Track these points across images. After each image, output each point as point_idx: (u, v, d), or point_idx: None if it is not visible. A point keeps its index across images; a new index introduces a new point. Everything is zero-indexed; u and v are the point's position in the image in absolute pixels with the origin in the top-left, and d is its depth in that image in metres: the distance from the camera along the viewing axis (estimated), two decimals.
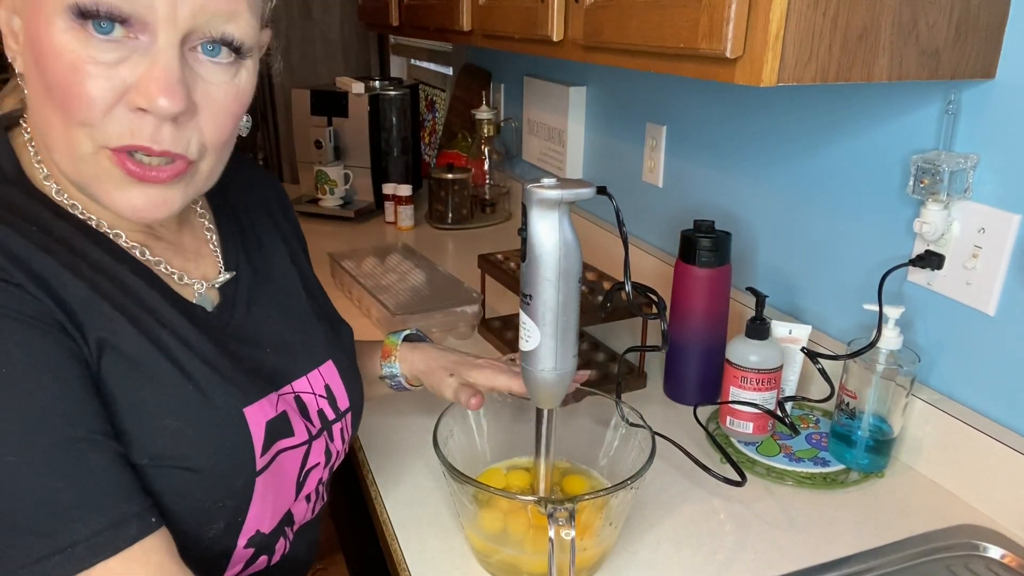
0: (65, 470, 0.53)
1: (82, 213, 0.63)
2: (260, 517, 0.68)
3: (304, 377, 0.75)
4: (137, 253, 0.66)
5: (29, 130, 0.64)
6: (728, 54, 0.69)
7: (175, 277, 0.68)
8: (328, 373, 0.78)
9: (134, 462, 0.58)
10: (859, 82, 0.72)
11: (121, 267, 0.63)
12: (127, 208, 0.59)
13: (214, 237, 0.75)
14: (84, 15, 0.53)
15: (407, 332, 0.97)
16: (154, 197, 0.59)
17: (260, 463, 0.66)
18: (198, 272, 0.72)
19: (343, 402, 0.79)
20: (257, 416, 0.66)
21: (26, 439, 0.52)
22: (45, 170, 0.63)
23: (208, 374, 0.63)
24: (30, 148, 0.63)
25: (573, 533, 0.66)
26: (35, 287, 0.55)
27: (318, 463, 0.75)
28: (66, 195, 0.63)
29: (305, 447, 0.72)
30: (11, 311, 0.53)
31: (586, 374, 0.95)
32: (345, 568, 1.10)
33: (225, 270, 0.73)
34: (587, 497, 0.70)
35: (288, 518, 0.73)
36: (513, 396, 0.86)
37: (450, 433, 0.81)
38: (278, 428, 0.68)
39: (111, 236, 0.64)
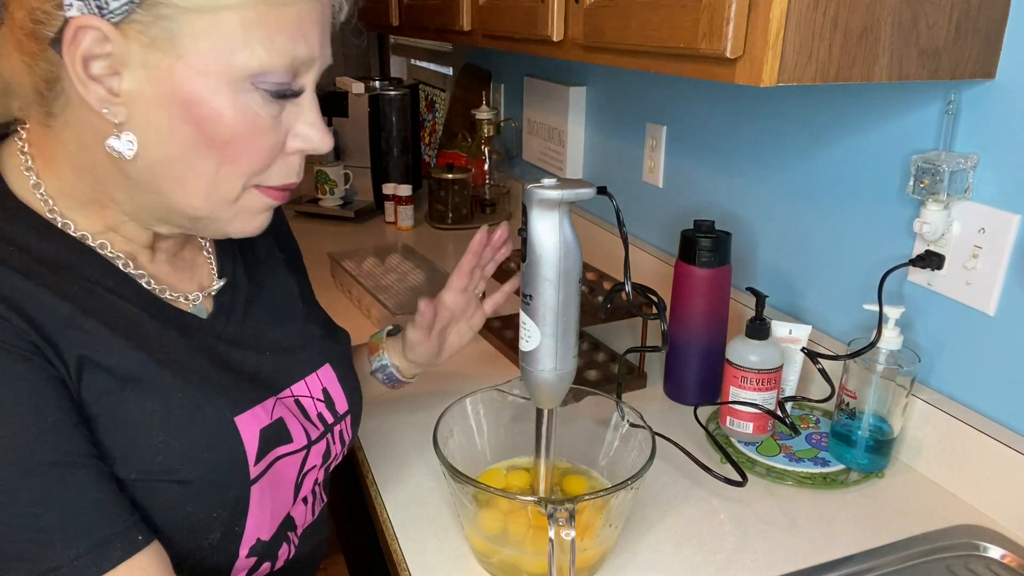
0: (44, 495, 0.53)
1: (74, 231, 0.62)
2: (259, 525, 0.68)
3: (302, 381, 0.75)
4: (132, 268, 0.65)
5: (28, 148, 0.63)
6: (728, 54, 0.69)
7: (168, 291, 0.68)
8: (326, 377, 0.78)
9: (122, 477, 0.58)
10: (859, 82, 0.72)
11: (109, 282, 0.62)
12: (252, 230, 0.65)
13: (208, 244, 0.76)
14: (274, 94, 0.58)
15: (389, 328, 0.98)
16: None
17: (254, 472, 0.66)
18: (194, 282, 0.72)
19: (341, 405, 0.79)
20: (250, 424, 0.66)
21: (2, 466, 0.52)
22: (43, 187, 0.62)
23: (198, 384, 0.63)
24: (23, 158, 0.62)
25: (573, 533, 0.66)
26: (6, 310, 0.54)
27: (315, 465, 0.75)
28: (59, 213, 0.62)
29: (304, 452, 0.72)
30: None
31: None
32: (345, 568, 1.10)
33: (219, 277, 0.74)
34: (587, 497, 0.70)
35: (289, 522, 0.73)
36: (512, 395, 0.86)
37: (450, 433, 0.81)
38: (273, 435, 0.68)
39: (102, 252, 0.64)
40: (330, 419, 0.77)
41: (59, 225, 0.62)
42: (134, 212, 0.63)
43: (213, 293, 0.72)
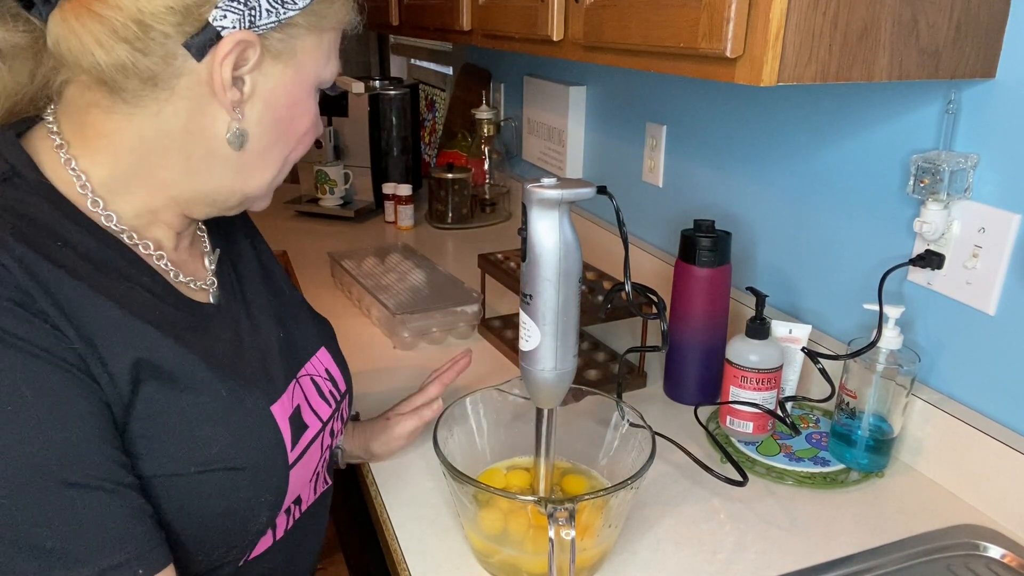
0: (53, 516, 0.52)
1: (115, 222, 0.63)
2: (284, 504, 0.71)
3: (309, 361, 0.78)
4: (164, 261, 0.66)
5: (63, 137, 0.63)
6: (728, 54, 0.69)
7: (193, 282, 0.69)
8: (324, 358, 0.81)
9: (182, 472, 0.60)
10: (859, 82, 0.72)
11: (144, 278, 0.63)
12: (266, 206, 0.73)
13: (200, 225, 0.77)
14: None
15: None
16: None
17: (292, 457, 0.69)
18: (204, 268, 0.73)
19: (342, 384, 0.82)
20: (281, 413, 0.69)
21: (19, 481, 0.51)
22: (86, 176, 0.62)
23: (235, 377, 0.65)
24: (59, 153, 0.62)
25: (573, 533, 0.66)
26: (58, 315, 0.54)
27: (328, 445, 0.78)
28: (102, 200, 0.63)
29: (321, 435, 0.75)
30: (25, 343, 0.52)
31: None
32: (345, 568, 1.10)
33: (215, 265, 0.75)
34: (587, 497, 0.70)
35: (296, 497, 0.75)
36: (512, 395, 0.86)
37: (450, 433, 0.81)
38: (298, 423, 0.71)
39: (132, 243, 0.64)
40: (337, 396, 0.80)
41: (101, 214, 0.63)
42: (187, 196, 0.66)
43: (212, 265, 0.74)
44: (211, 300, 0.70)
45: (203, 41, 0.58)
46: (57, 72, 0.62)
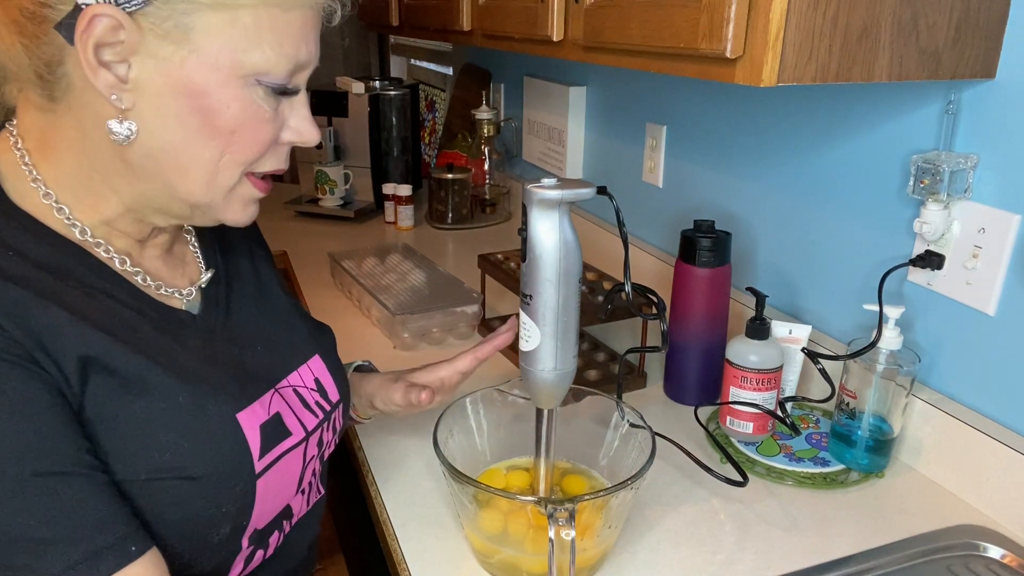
0: (35, 505, 0.52)
1: (76, 226, 0.62)
2: (260, 516, 0.69)
3: (295, 372, 0.76)
4: (128, 265, 0.65)
5: (22, 143, 0.62)
6: (728, 54, 0.69)
7: (163, 288, 0.68)
8: (316, 367, 0.79)
9: (131, 478, 0.58)
10: (859, 82, 0.72)
11: (105, 284, 0.63)
12: (245, 219, 0.67)
13: (194, 240, 0.76)
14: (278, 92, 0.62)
15: (358, 363, 0.97)
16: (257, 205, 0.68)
17: (259, 466, 0.66)
18: (185, 277, 0.72)
19: (333, 395, 0.80)
20: (250, 420, 0.67)
21: None
22: (43, 180, 0.61)
23: (199, 383, 0.64)
24: (18, 153, 0.62)
25: (573, 533, 0.66)
26: (5, 320, 0.54)
27: (314, 455, 0.76)
28: (67, 206, 0.62)
29: (304, 444, 0.73)
30: None
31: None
32: (345, 568, 1.10)
33: (206, 270, 0.74)
34: (587, 497, 0.70)
35: (287, 511, 0.74)
36: (512, 395, 0.87)
37: (450, 433, 0.81)
38: (273, 431, 0.69)
39: (97, 251, 0.64)
40: (327, 407, 0.78)
41: (66, 222, 0.62)
42: (133, 203, 0.64)
43: (203, 285, 0.72)
44: (184, 306, 0.70)
45: (71, 22, 0.54)
46: (10, 82, 0.61)
